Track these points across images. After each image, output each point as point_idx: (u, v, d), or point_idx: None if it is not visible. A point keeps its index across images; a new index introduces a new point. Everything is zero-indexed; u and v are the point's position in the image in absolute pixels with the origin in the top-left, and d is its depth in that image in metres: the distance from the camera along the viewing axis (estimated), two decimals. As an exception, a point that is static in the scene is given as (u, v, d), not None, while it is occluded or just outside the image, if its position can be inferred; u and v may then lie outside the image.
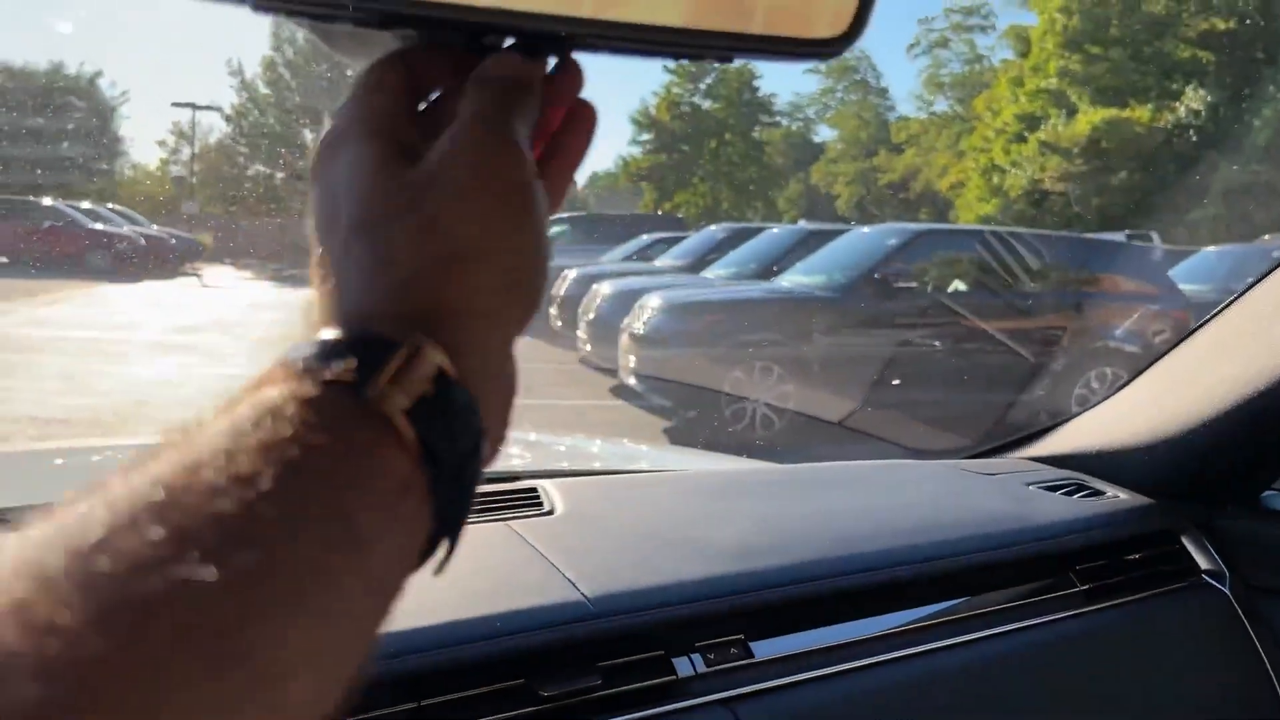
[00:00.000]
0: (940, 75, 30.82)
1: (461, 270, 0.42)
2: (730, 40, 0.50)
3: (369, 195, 0.43)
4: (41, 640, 0.27)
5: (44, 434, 5.03)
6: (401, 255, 0.42)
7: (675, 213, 26.61)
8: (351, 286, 0.42)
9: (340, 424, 0.36)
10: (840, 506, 1.25)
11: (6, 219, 9.19)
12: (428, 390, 0.38)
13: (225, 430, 0.35)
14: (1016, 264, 7.39)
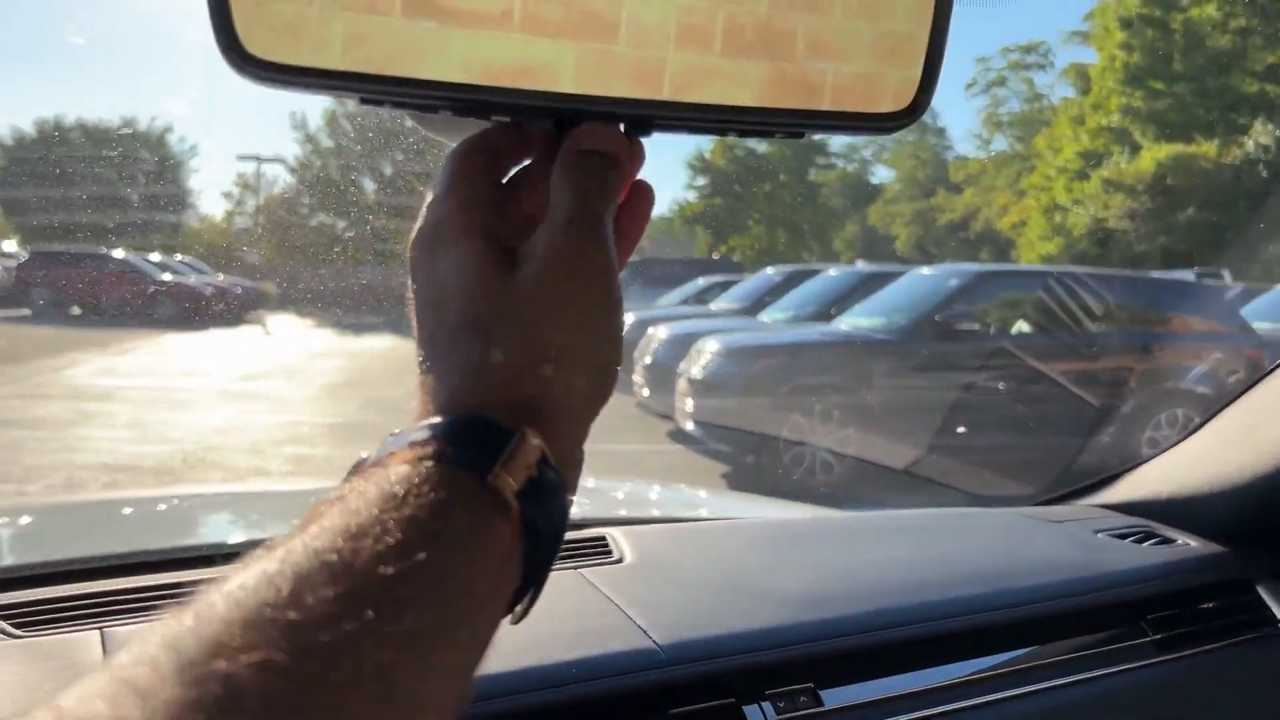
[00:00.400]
0: (999, 114, 30.65)
1: (558, 370, 0.48)
2: (799, 117, 0.53)
3: (475, 297, 0.48)
4: (266, 679, 0.34)
5: (114, 481, 5.15)
6: (513, 346, 0.47)
7: (730, 256, 26.62)
8: (459, 376, 0.47)
9: (466, 502, 0.42)
10: (906, 555, 1.24)
11: (80, 271, 9.45)
12: (532, 474, 0.44)
13: (376, 500, 0.41)
14: (1082, 304, 7.25)
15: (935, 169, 32.00)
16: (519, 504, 0.44)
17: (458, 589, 0.41)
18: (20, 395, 7.49)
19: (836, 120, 0.54)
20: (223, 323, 11.99)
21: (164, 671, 0.33)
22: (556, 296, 0.48)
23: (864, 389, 6.73)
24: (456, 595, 0.41)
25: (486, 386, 0.47)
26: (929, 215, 30.47)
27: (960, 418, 6.54)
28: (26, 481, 5.04)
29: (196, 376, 8.76)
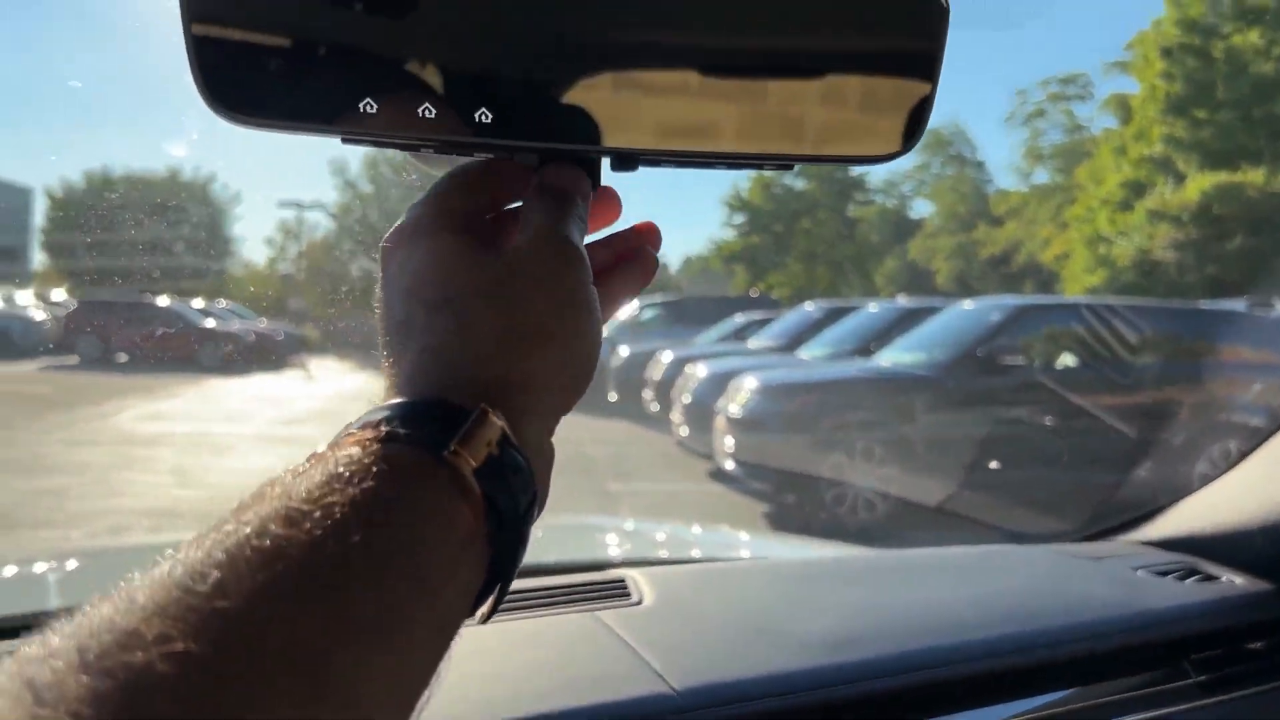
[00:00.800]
0: (1039, 146, 30.48)
1: (530, 347, 0.48)
2: (788, 151, 0.52)
3: (454, 276, 0.49)
4: (181, 670, 0.32)
5: (157, 525, 5.19)
6: (482, 328, 0.48)
7: (769, 293, 26.58)
8: (427, 356, 0.47)
9: (419, 481, 0.41)
10: (939, 594, 1.20)
11: (125, 318, 9.62)
12: (493, 452, 0.43)
13: (319, 483, 0.39)
14: (1128, 337, 7.13)
15: (976, 202, 31.84)
16: (479, 483, 0.42)
17: (408, 574, 0.39)
18: (66, 441, 7.59)
19: (827, 153, 0.53)
20: (265, 367, 12.13)
21: (70, 664, 0.31)
22: (532, 282, 0.49)
23: (905, 425, 6.65)
24: (405, 579, 0.39)
25: (453, 365, 0.47)
26: (970, 249, 30.27)
27: (1001, 452, 6.44)
28: (71, 526, 5.10)
29: (238, 421, 8.84)
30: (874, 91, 0.53)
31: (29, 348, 11.62)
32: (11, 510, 5.36)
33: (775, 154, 0.53)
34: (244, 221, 20.32)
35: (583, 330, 0.51)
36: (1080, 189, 23.92)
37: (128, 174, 11.43)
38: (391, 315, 0.51)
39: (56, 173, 20.81)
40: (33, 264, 12.55)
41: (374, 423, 0.43)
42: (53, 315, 11.66)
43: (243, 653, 0.33)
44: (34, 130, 25.31)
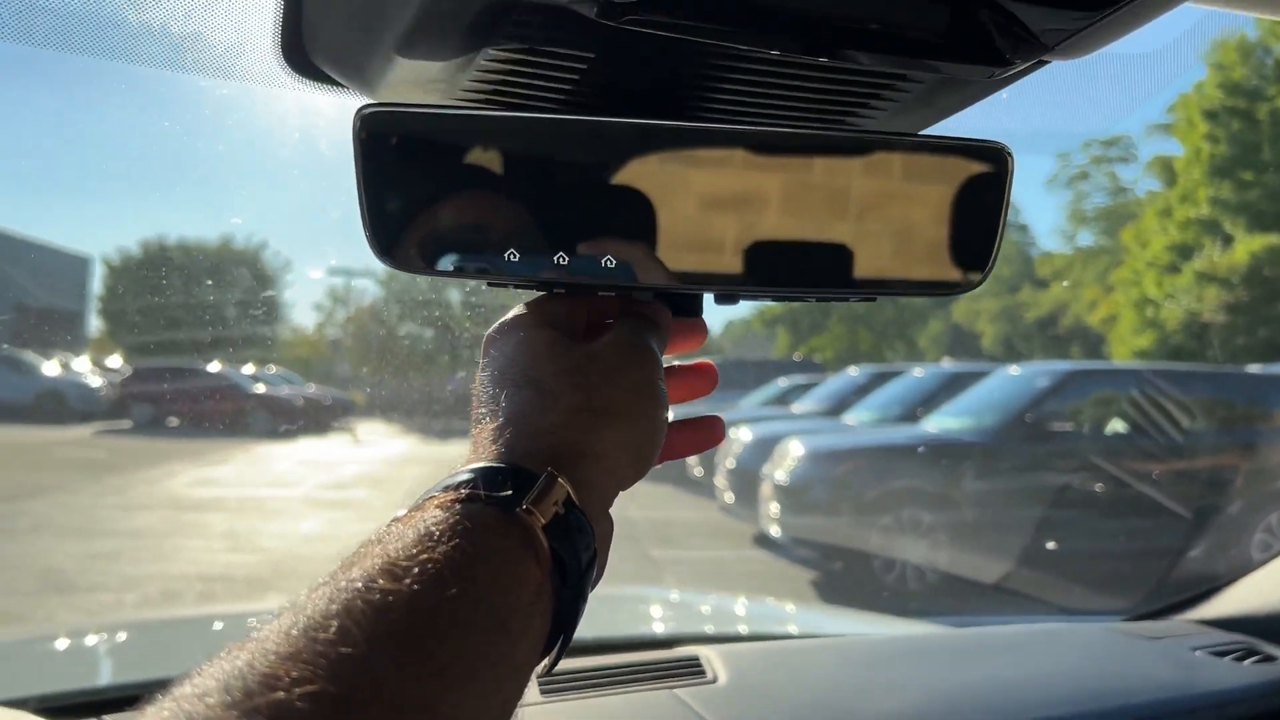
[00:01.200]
0: (1083, 208, 30.30)
1: (600, 422, 0.53)
2: (871, 284, 0.58)
3: (542, 359, 0.56)
4: (319, 708, 0.37)
5: (208, 590, 5.24)
6: (560, 401, 0.53)
7: (812, 356, 26.48)
8: (508, 425, 0.53)
9: (496, 537, 0.46)
10: (1003, 673, 1.21)
11: (178, 384, 9.79)
12: (559, 511, 0.48)
13: (413, 541, 0.44)
14: (1180, 402, 7.01)
15: (1020, 264, 31.64)
16: (546, 539, 0.47)
17: (492, 622, 0.44)
18: (120, 506, 7.70)
19: (907, 286, 0.59)
20: (313, 432, 12.26)
21: (222, 702, 0.36)
22: (611, 369, 0.56)
23: (954, 492, 6.58)
24: (490, 627, 0.44)
25: (529, 436, 0.52)
26: (1015, 311, 30.04)
27: (1052, 523, 6.33)
28: (124, 591, 5.16)
29: (287, 485, 8.93)
30: (948, 227, 0.58)
31: (85, 412, 11.84)
32: (68, 574, 5.44)
33: (863, 281, 0.58)
34: (294, 288, 20.64)
35: (650, 414, 0.57)
36: (1126, 251, 23.70)
37: (182, 242, 11.70)
38: (484, 393, 0.57)
39: (114, 241, 21.33)
40: (90, 330, 12.80)
41: (455, 485, 0.49)
42: (108, 380, 11.89)
43: (367, 692, 0.38)
44: (94, 200, 25.99)
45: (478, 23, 0.52)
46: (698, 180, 0.57)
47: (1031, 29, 0.53)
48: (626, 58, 0.56)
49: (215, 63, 0.62)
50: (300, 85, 0.64)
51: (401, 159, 0.55)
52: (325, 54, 0.62)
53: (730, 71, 0.58)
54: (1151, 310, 20.44)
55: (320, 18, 0.60)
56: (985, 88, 0.63)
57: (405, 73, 0.58)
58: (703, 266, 0.58)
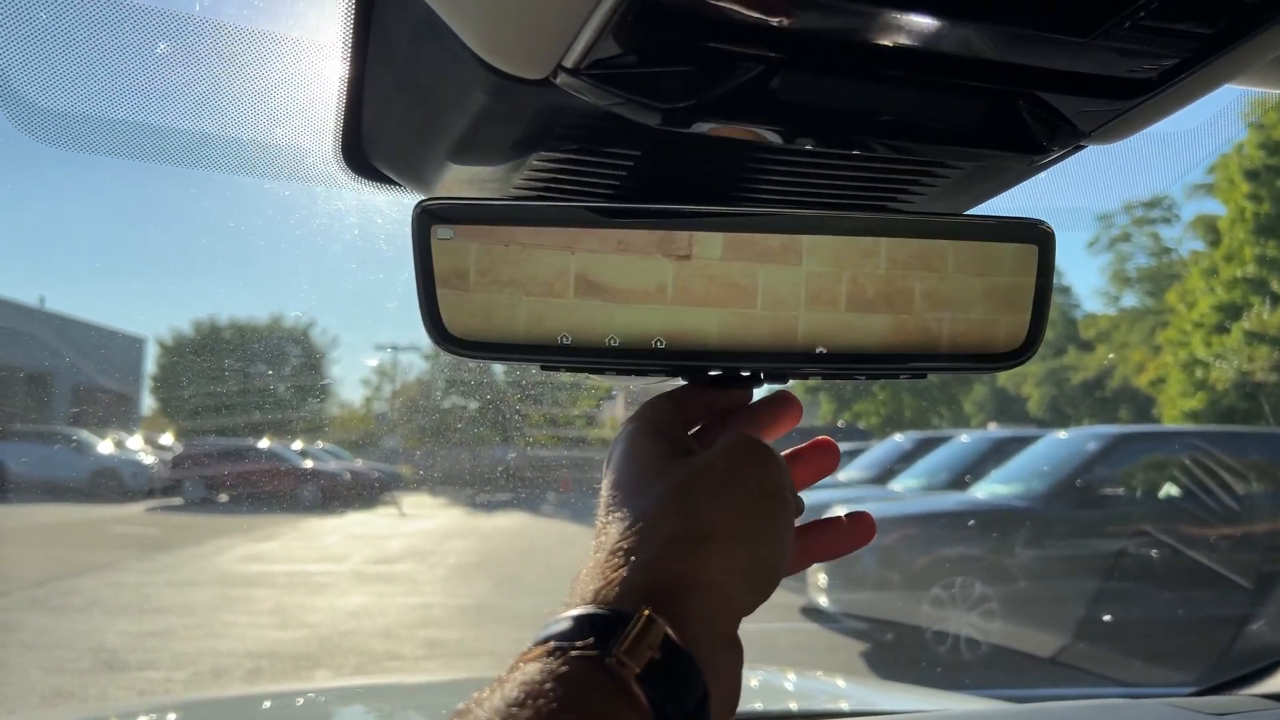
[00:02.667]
0: (1126, 270, 30.07)
1: (705, 549, 0.50)
2: (921, 360, 0.59)
3: (645, 479, 0.53)
4: None
5: (256, 667, 5.25)
6: (661, 530, 0.50)
7: (856, 423, 26.28)
8: (611, 559, 0.50)
9: (588, 692, 0.44)
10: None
11: (228, 461, 9.91)
12: (654, 655, 0.45)
13: (512, 701, 0.42)
14: (1235, 465, 6.86)
15: (1064, 327, 31.37)
16: (641, 687, 0.44)
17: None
18: (170, 583, 7.76)
19: (955, 361, 0.60)
20: (360, 506, 12.34)
21: None
22: (721, 479, 0.52)
23: (1005, 560, 6.46)
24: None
25: (630, 568, 0.49)
26: (1061, 375, 29.71)
27: (1107, 596, 6.18)
28: (175, 669, 5.18)
29: (335, 560, 8.96)
30: (995, 303, 0.59)
31: (137, 490, 12.00)
32: (120, 652, 5.48)
33: (914, 356, 0.60)
34: (341, 364, 20.92)
35: (774, 529, 0.54)
36: (1172, 312, 23.42)
37: (233, 321, 11.89)
38: (599, 517, 0.54)
39: (168, 322, 21.78)
40: (143, 409, 13.02)
41: (547, 638, 0.46)
42: (160, 458, 12.06)
43: None
44: (147, 282, 26.63)
45: (529, 128, 0.54)
46: (745, 262, 0.58)
47: (1068, 117, 0.54)
48: (674, 154, 0.58)
49: (279, 166, 0.65)
50: (359, 185, 0.67)
51: (459, 250, 0.57)
52: (383, 157, 0.65)
53: (775, 164, 0.60)
54: (1201, 371, 20.13)
55: (378, 125, 0.62)
56: (1024, 173, 0.64)
57: (460, 174, 0.61)
58: (753, 345, 0.59)
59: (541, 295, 0.58)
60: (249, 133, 0.61)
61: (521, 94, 0.50)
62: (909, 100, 0.53)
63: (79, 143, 0.58)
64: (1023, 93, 0.53)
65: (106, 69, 0.55)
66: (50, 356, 9.42)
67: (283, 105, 0.61)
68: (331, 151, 0.64)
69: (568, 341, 0.58)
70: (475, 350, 0.58)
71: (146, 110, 0.58)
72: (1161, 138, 0.86)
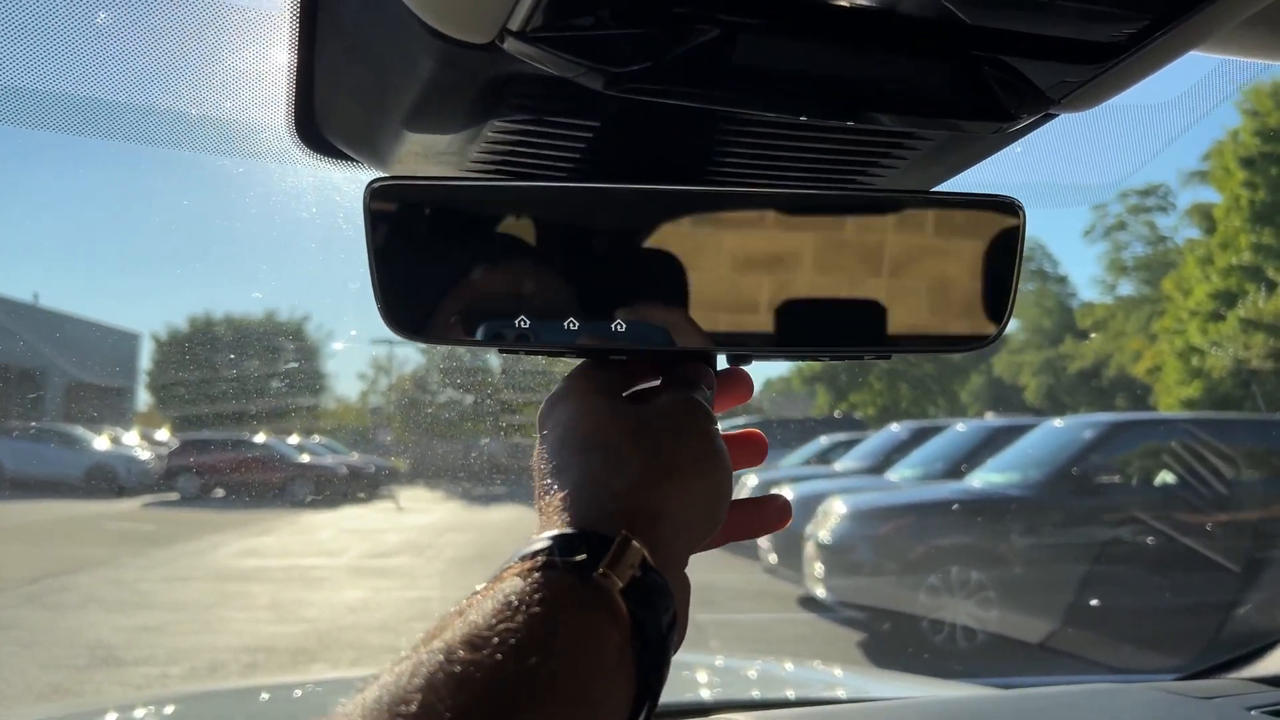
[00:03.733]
0: (1121, 258, 30.09)
1: (670, 482, 0.53)
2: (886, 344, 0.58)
3: (602, 424, 0.56)
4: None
5: (253, 661, 5.24)
6: (628, 464, 0.53)
7: (852, 413, 26.30)
8: (577, 492, 0.52)
9: (574, 603, 0.46)
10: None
11: (224, 456, 9.91)
12: (636, 574, 0.48)
13: (493, 611, 0.44)
14: (1231, 452, 6.86)
15: (1060, 316, 31.41)
16: (624, 602, 0.47)
17: (573, 690, 0.44)
18: (166, 578, 7.76)
19: (922, 343, 0.60)
20: (356, 500, 12.33)
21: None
22: (671, 430, 0.56)
23: (1001, 548, 6.46)
24: (572, 696, 0.44)
25: (601, 500, 0.52)
26: (1058, 363, 29.75)
27: (1099, 582, 6.18)
28: (171, 664, 5.18)
29: (331, 554, 8.96)
30: (963, 282, 0.58)
31: (133, 485, 12.00)
32: (116, 648, 5.47)
33: (877, 345, 0.59)
34: (337, 358, 20.93)
35: (718, 474, 0.56)
36: (1168, 300, 23.44)
37: (228, 316, 11.89)
38: (545, 464, 0.56)
39: (162, 317, 21.74)
40: (138, 405, 13.02)
41: (532, 554, 0.48)
42: (155, 454, 12.06)
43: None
44: (142, 278, 26.59)
45: (481, 96, 0.53)
46: (707, 243, 0.57)
47: (1036, 84, 0.53)
48: (633, 126, 0.57)
49: (231, 142, 0.63)
50: (314, 161, 0.65)
51: (411, 231, 0.55)
52: (337, 131, 0.64)
53: (738, 135, 0.59)
54: (1197, 359, 20.15)
55: (330, 96, 0.61)
56: (994, 143, 0.63)
57: (415, 146, 0.59)
58: (715, 325, 0.58)
59: (497, 277, 0.57)
60: (200, 107, 0.60)
61: (469, 60, 0.48)
62: (870, 66, 0.51)
63: (22, 118, 0.57)
64: (989, 58, 0.51)
65: (46, 40, 0.54)
66: (45, 353, 9.42)
67: (233, 78, 0.60)
68: (285, 127, 0.63)
69: (525, 326, 0.57)
70: (430, 335, 0.57)
71: (89, 84, 0.56)
72: (1134, 110, 0.85)
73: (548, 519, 0.52)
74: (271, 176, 1.12)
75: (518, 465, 8.94)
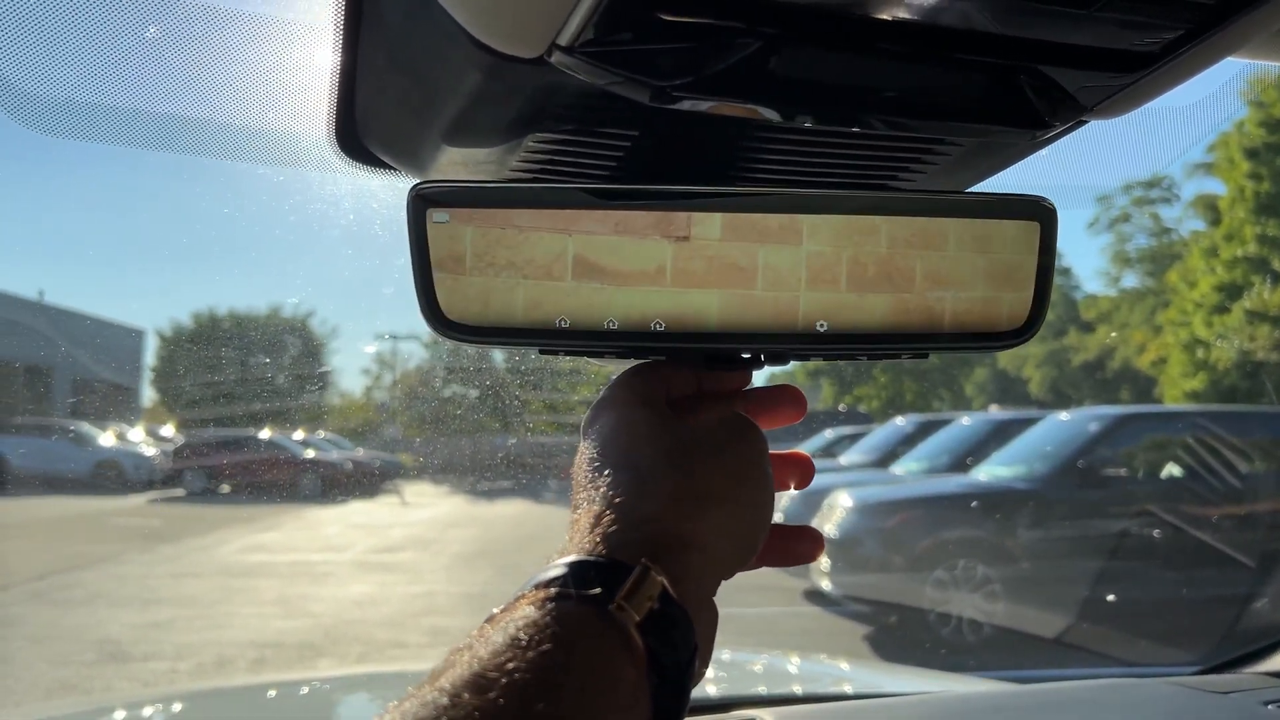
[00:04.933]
0: (1126, 250, 30.03)
1: (702, 509, 0.51)
2: (923, 340, 0.58)
3: (641, 439, 0.54)
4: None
5: (260, 657, 5.26)
6: (660, 486, 0.51)
7: (857, 407, 26.29)
8: (605, 513, 0.50)
9: (587, 639, 0.44)
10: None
11: (229, 452, 9.92)
12: (654, 606, 0.46)
13: (501, 647, 0.42)
14: (1236, 445, 6.85)
15: (1064, 309, 31.35)
16: (641, 636, 0.45)
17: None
18: (173, 574, 7.77)
19: (957, 341, 0.60)
20: (362, 495, 12.35)
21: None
22: (713, 451, 0.54)
23: (1008, 542, 6.47)
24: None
25: (626, 525, 0.49)
26: (1062, 356, 29.71)
27: (1110, 576, 6.18)
28: (179, 660, 5.19)
29: (337, 550, 8.97)
30: (996, 281, 0.58)
31: (139, 482, 12.02)
32: (124, 644, 5.49)
33: (915, 335, 0.59)
34: (341, 354, 20.93)
35: (756, 501, 0.54)
36: (1172, 292, 23.40)
37: (232, 312, 11.89)
38: (583, 477, 0.54)
39: (167, 313, 21.78)
40: (143, 401, 13.03)
41: (546, 582, 0.46)
42: (161, 450, 12.07)
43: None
44: (145, 274, 26.61)
45: (524, 109, 0.53)
46: (745, 242, 0.58)
47: (1070, 91, 0.53)
48: (672, 134, 0.57)
49: (273, 151, 0.64)
50: (354, 170, 0.66)
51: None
52: (378, 140, 0.65)
53: (774, 142, 0.59)
54: (1202, 351, 20.11)
55: (373, 108, 0.62)
56: (1025, 149, 0.64)
57: (455, 156, 0.60)
58: (754, 326, 0.59)
59: (539, 278, 0.57)
60: (242, 118, 0.60)
61: (516, 74, 0.49)
62: (908, 75, 0.52)
63: (70, 130, 0.57)
64: (1024, 67, 0.52)
65: (97, 54, 0.54)
66: (50, 350, 9.43)
67: (276, 89, 0.61)
68: (326, 136, 0.63)
69: (565, 325, 0.57)
70: (473, 335, 0.57)
71: (138, 96, 0.57)
72: (1162, 113, 0.86)
73: (572, 540, 0.50)
74: (282, 174, 1.13)
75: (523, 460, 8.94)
